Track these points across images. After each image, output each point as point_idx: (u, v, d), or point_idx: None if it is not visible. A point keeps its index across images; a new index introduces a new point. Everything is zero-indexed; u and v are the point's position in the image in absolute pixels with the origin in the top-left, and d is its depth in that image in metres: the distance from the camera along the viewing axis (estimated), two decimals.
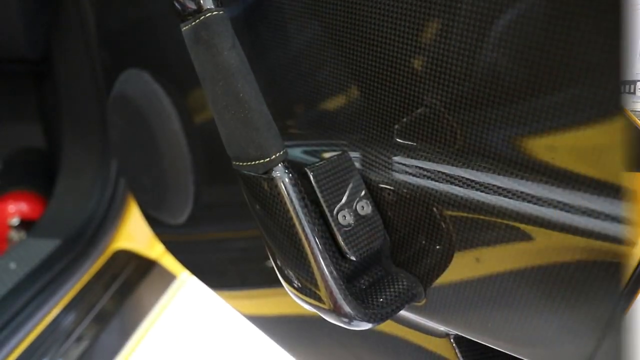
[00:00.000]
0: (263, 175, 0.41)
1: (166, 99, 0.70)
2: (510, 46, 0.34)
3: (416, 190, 0.42)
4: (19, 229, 1.29)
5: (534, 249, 0.36)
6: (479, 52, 0.35)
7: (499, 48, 0.34)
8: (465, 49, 0.36)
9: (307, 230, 0.41)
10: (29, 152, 1.50)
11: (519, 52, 0.33)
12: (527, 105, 0.34)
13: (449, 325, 0.45)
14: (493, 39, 0.34)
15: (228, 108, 0.41)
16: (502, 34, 0.34)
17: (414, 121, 0.42)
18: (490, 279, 0.40)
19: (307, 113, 0.52)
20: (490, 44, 0.35)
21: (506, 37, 0.34)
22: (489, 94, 0.36)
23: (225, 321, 1.36)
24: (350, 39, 0.44)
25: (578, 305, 0.35)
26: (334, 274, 0.41)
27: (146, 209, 0.88)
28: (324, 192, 0.42)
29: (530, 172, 0.36)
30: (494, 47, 0.34)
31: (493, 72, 0.35)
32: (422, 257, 0.44)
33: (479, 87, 0.36)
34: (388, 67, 0.42)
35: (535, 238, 0.36)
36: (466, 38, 0.36)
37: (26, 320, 0.94)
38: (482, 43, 0.35)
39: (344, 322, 0.42)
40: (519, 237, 0.37)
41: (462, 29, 0.36)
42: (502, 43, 0.34)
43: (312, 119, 0.51)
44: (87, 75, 1.12)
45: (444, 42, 0.37)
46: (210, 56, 0.41)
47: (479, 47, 0.35)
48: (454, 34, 0.36)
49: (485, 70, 0.35)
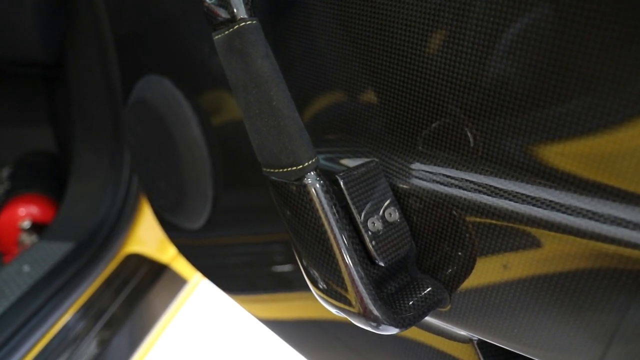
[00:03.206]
0: (295, 182, 0.42)
1: (186, 104, 0.70)
2: (532, 55, 0.34)
3: (440, 197, 0.43)
4: (30, 232, 1.30)
5: (562, 256, 0.37)
6: (500, 62, 0.36)
7: (521, 57, 0.35)
8: (485, 59, 0.37)
9: (338, 236, 0.41)
10: (39, 156, 1.51)
11: (543, 60, 0.34)
12: (551, 113, 0.35)
13: (474, 330, 0.46)
14: (514, 49, 0.35)
15: (261, 115, 0.42)
16: (522, 43, 0.35)
17: (437, 130, 0.43)
18: (518, 285, 0.41)
19: (331, 121, 0.52)
20: (512, 54, 0.36)
21: (526, 46, 0.35)
22: (511, 103, 0.37)
23: (237, 325, 1.37)
24: (376, 49, 0.45)
25: (606, 312, 0.36)
26: (364, 279, 0.41)
27: (162, 213, 0.89)
28: (354, 199, 0.43)
29: (555, 180, 0.37)
30: (515, 57, 0.35)
31: (516, 81, 0.36)
32: (446, 263, 0.45)
33: (500, 96, 0.37)
34: (412, 76, 0.43)
35: (563, 245, 0.37)
36: (482, 48, 0.37)
37: (40, 323, 0.95)
38: (504, 53, 0.36)
39: (372, 327, 0.42)
40: (546, 244, 0.38)
41: (479, 41, 0.37)
42: (523, 52, 0.35)
43: (337, 127, 0.52)
44: (100, 80, 1.13)
45: (463, 54, 0.38)
46: (244, 65, 0.42)
47: (501, 57, 0.36)
48: (470, 47, 0.37)
49: (508, 80, 0.36)
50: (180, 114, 0.70)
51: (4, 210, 1.33)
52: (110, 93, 1.12)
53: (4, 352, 0.88)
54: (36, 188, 1.38)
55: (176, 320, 1.13)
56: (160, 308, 1.13)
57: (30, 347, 0.92)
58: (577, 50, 0.33)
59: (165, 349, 1.12)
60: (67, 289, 1.02)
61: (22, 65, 1.32)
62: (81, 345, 0.98)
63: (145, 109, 0.76)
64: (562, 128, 0.35)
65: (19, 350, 0.90)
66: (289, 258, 0.70)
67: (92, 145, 1.20)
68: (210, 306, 1.32)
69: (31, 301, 0.97)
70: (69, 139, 1.31)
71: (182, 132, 0.71)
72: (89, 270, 1.07)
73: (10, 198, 1.36)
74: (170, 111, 0.72)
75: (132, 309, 1.08)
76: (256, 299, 0.79)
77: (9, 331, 0.91)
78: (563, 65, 0.33)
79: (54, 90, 1.43)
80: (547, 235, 0.37)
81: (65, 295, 1.01)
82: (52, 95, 1.46)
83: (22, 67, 1.34)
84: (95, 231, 1.12)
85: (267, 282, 0.76)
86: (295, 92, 0.53)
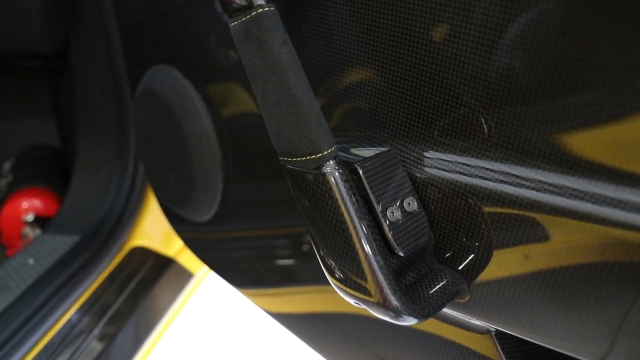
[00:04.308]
0: (314, 170, 0.41)
1: (196, 95, 0.70)
2: (546, 45, 0.34)
3: (458, 186, 0.42)
4: (33, 226, 1.29)
5: (581, 245, 0.37)
6: (512, 52, 0.36)
7: (533, 46, 0.35)
8: (498, 49, 0.36)
9: (357, 225, 0.41)
10: (42, 149, 1.50)
11: (559, 50, 0.34)
12: (572, 101, 0.35)
13: (492, 321, 0.46)
14: (526, 39, 0.35)
15: (279, 104, 0.42)
16: (533, 33, 0.34)
17: (454, 118, 0.42)
18: (537, 275, 0.40)
19: (346, 111, 0.52)
20: (525, 45, 0.35)
21: (538, 36, 0.34)
22: (529, 90, 0.36)
23: (243, 319, 1.36)
24: (392, 38, 0.44)
25: (630, 302, 0.36)
26: (384, 269, 0.41)
27: (169, 206, 0.88)
28: (373, 188, 0.42)
29: (575, 168, 0.36)
30: (526, 46, 0.35)
31: (532, 69, 0.35)
32: (465, 253, 0.45)
33: (516, 85, 0.37)
34: (428, 66, 0.42)
35: (582, 234, 0.36)
36: (495, 38, 0.36)
37: (46, 316, 0.95)
38: (517, 43, 0.35)
39: (391, 317, 0.42)
40: (565, 233, 0.37)
41: (492, 31, 0.36)
42: (535, 42, 0.34)
43: (351, 117, 0.52)
44: (105, 71, 1.12)
45: (477, 43, 0.38)
46: (262, 52, 0.41)
47: (513, 48, 0.36)
48: (485, 36, 0.37)
49: (523, 69, 0.36)
50: (190, 104, 0.70)
51: (7, 203, 1.32)
52: (115, 84, 1.11)
53: (11, 345, 0.87)
54: (39, 181, 1.37)
55: (182, 313, 1.13)
56: (166, 302, 1.12)
57: (37, 340, 0.91)
58: (595, 38, 0.32)
59: (171, 342, 1.12)
60: (72, 282, 1.01)
61: (25, 57, 1.31)
62: (87, 339, 0.98)
63: (154, 100, 0.76)
64: (584, 116, 0.34)
65: (25, 343, 0.89)
66: (298, 252, 0.69)
67: (96, 137, 1.19)
68: (217, 300, 1.32)
69: (36, 294, 0.97)
70: (72, 131, 1.30)
71: (192, 123, 0.70)
72: (94, 264, 1.06)
73: (13, 191, 1.35)
74: (179, 102, 0.71)
75: (138, 303, 1.08)
76: (265, 292, 0.79)
77: (15, 324, 0.90)
78: (582, 52, 0.33)
79: (57, 82, 1.42)
80: (566, 224, 0.37)
81: (70, 288, 1.01)
82: (55, 88, 1.44)
83: (25, 59, 1.33)
84: (100, 224, 1.12)
85: (276, 276, 0.76)
86: (310, 81, 0.52)
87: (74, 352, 0.94)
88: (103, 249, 1.08)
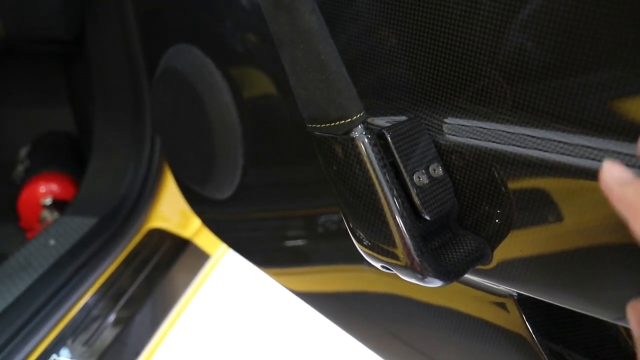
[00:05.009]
0: (343, 135, 0.42)
1: (217, 72, 0.71)
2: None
3: (480, 152, 0.43)
4: (52, 209, 1.31)
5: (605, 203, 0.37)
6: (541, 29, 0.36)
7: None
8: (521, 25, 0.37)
9: (386, 189, 0.42)
10: (58, 135, 1.52)
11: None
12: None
13: (516, 286, 0.46)
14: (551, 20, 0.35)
15: (308, 70, 0.42)
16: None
17: (475, 88, 0.43)
18: (563, 239, 0.41)
19: (371, 79, 0.53)
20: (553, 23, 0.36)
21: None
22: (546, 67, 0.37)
23: (259, 300, 1.38)
24: (419, 6, 0.45)
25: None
26: (412, 231, 0.42)
27: (189, 184, 0.89)
28: (401, 153, 0.43)
29: (598, 130, 0.37)
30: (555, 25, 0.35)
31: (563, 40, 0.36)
32: (487, 220, 0.46)
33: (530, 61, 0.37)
34: (452, 36, 0.43)
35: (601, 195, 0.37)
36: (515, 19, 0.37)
37: (67, 296, 0.97)
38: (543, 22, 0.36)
39: (418, 279, 0.43)
40: (586, 194, 0.38)
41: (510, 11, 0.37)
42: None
43: (376, 85, 0.52)
44: (121, 54, 1.13)
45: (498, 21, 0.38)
46: (292, 19, 0.42)
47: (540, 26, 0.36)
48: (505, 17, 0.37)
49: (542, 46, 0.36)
50: (212, 80, 0.71)
51: (25, 187, 1.35)
52: (131, 68, 1.12)
53: (35, 322, 0.89)
54: (56, 166, 1.39)
55: (199, 294, 1.15)
56: (184, 282, 1.14)
57: (60, 317, 0.93)
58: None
59: (189, 323, 1.14)
60: (92, 262, 1.03)
61: (41, 42, 1.32)
62: (107, 318, 1.00)
63: (176, 78, 0.77)
64: (615, 84, 0.35)
65: (49, 320, 0.91)
66: (319, 232, 0.70)
67: (112, 121, 1.21)
68: (233, 281, 1.33)
69: (58, 274, 0.98)
70: (88, 116, 1.32)
71: (213, 98, 0.71)
72: (113, 245, 1.08)
73: (30, 176, 1.37)
74: (201, 79, 0.72)
75: (155, 283, 1.10)
76: (288, 272, 0.80)
77: (38, 302, 0.92)
78: None
79: (73, 68, 1.43)
80: (588, 186, 0.37)
81: (91, 268, 1.02)
82: (71, 73, 1.46)
83: (41, 44, 1.34)
84: (118, 207, 1.13)
85: (297, 256, 0.77)
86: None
87: (95, 331, 0.96)
88: (121, 231, 1.10)
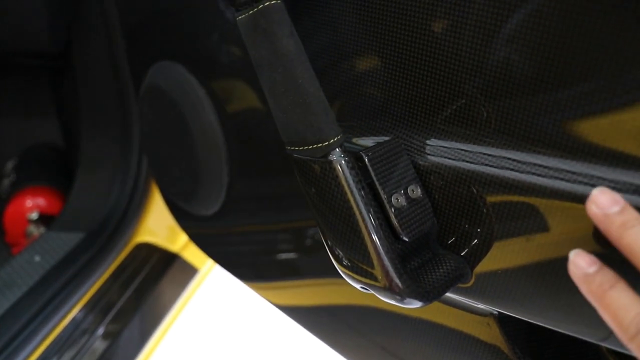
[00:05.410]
0: (320, 158, 0.43)
1: (201, 89, 0.71)
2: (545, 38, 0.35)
3: (459, 173, 0.44)
4: (38, 224, 1.30)
5: (583, 227, 0.38)
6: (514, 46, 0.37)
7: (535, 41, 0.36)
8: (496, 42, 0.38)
9: (364, 211, 0.42)
10: (44, 148, 1.51)
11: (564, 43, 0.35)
12: (574, 90, 0.36)
13: (496, 304, 0.47)
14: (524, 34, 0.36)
15: (286, 94, 0.43)
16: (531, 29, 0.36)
17: (455, 108, 0.43)
18: (541, 259, 0.41)
19: (350, 101, 0.53)
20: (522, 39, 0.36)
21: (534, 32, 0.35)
22: (526, 84, 0.38)
23: (246, 313, 1.37)
24: (396, 28, 0.45)
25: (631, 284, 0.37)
26: (390, 253, 0.42)
27: (175, 200, 0.89)
28: (378, 175, 0.43)
29: (574, 153, 0.37)
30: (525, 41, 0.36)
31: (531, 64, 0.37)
32: (467, 239, 0.46)
33: (515, 77, 0.38)
34: (431, 57, 0.43)
35: (583, 216, 0.37)
36: (488, 34, 0.37)
37: (53, 312, 0.96)
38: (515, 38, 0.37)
39: (397, 300, 0.43)
40: (567, 215, 0.38)
41: (490, 26, 0.37)
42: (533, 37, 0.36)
43: (354, 107, 0.53)
44: (107, 69, 1.13)
45: (477, 38, 0.39)
46: (269, 44, 0.43)
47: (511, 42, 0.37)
48: (480, 33, 0.38)
49: (522, 62, 0.37)
50: (195, 99, 0.71)
51: (11, 202, 1.33)
52: (118, 82, 1.12)
53: (20, 340, 0.88)
54: (42, 180, 1.38)
55: (187, 309, 1.14)
56: (171, 297, 1.14)
57: (45, 335, 0.92)
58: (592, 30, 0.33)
59: (177, 338, 1.13)
60: (78, 278, 1.02)
61: (28, 56, 1.31)
62: (94, 334, 0.99)
63: (159, 95, 0.77)
64: (586, 104, 0.36)
65: (34, 338, 0.90)
66: (306, 246, 0.70)
67: (99, 135, 1.20)
68: (221, 294, 1.33)
69: (43, 290, 0.97)
70: (75, 130, 1.31)
71: (197, 117, 0.71)
72: (100, 260, 1.07)
73: (16, 190, 1.36)
74: (185, 96, 0.72)
75: (143, 298, 1.09)
76: (272, 286, 0.80)
77: (23, 320, 0.91)
78: (579, 45, 0.34)
79: (60, 81, 1.43)
80: (565, 207, 0.38)
81: (77, 285, 1.02)
82: (58, 86, 1.45)
83: (28, 58, 1.34)
84: (105, 221, 1.13)
85: (282, 269, 0.77)
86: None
87: (81, 348, 0.95)
88: (108, 245, 1.09)
